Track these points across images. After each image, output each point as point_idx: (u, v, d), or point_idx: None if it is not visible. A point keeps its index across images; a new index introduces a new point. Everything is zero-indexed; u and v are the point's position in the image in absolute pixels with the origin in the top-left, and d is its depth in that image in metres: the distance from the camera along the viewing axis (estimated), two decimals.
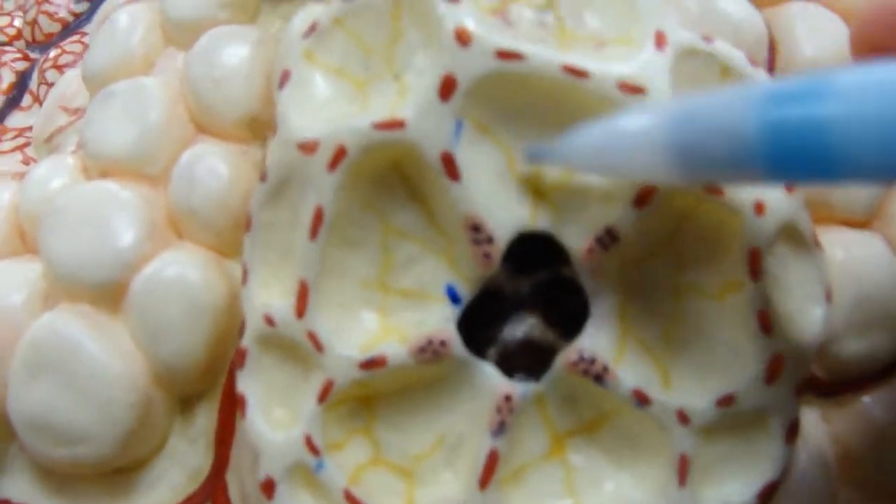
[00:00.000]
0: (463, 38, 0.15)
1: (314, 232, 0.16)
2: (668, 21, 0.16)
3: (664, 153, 0.14)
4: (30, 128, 0.24)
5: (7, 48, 0.26)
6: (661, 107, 0.14)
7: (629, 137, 0.14)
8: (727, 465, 0.16)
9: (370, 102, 0.16)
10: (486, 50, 0.15)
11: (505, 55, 0.15)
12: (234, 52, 0.19)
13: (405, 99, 0.16)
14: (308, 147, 0.16)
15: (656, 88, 0.15)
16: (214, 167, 0.18)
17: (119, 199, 0.18)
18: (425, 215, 0.16)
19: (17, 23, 0.27)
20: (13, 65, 0.26)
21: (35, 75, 0.25)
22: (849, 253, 0.18)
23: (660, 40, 0.16)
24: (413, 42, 0.16)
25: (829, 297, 0.16)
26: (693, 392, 0.16)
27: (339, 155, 0.15)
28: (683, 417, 0.16)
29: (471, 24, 0.15)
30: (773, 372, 0.16)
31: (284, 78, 0.16)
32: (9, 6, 0.30)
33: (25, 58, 0.26)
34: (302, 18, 0.18)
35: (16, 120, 0.25)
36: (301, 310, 0.16)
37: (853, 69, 0.12)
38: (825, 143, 0.11)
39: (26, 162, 0.23)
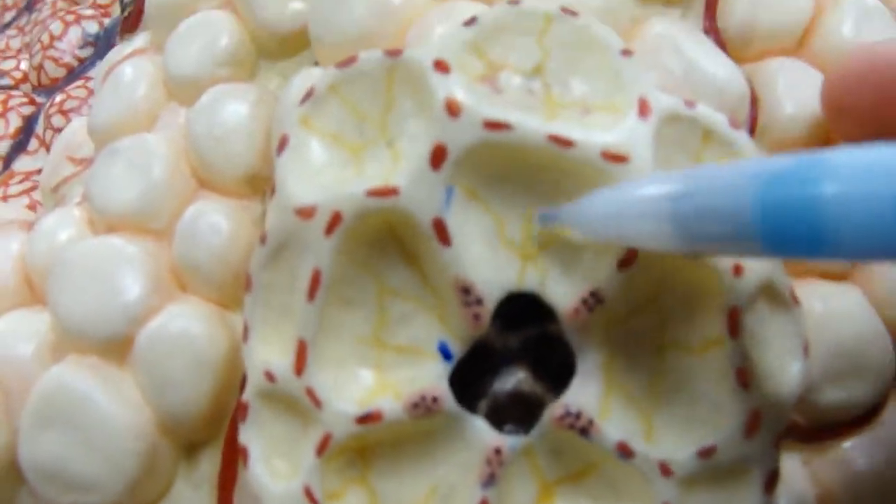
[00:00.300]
0: (453, 109, 0.16)
1: (312, 294, 0.16)
2: (652, 88, 0.17)
3: (669, 224, 0.14)
4: (36, 171, 0.25)
5: (14, 92, 0.27)
6: (668, 178, 0.15)
7: (636, 207, 0.15)
8: None
9: (365, 168, 0.17)
10: (474, 121, 0.16)
11: (493, 125, 0.16)
12: (234, 111, 0.20)
13: (398, 166, 0.16)
14: (305, 213, 0.16)
15: (639, 156, 0.16)
16: (216, 223, 0.19)
17: (124, 254, 0.19)
18: (418, 276, 0.17)
19: (24, 66, 0.28)
20: (20, 109, 0.26)
21: (41, 120, 0.26)
22: (827, 305, 0.18)
23: (643, 108, 0.16)
24: (406, 110, 0.17)
25: (806, 351, 0.17)
26: (675, 444, 0.17)
27: (335, 220, 0.16)
28: (666, 469, 0.16)
29: (460, 95, 0.16)
30: (751, 426, 0.16)
31: (282, 143, 0.17)
32: (15, 44, 0.31)
33: (31, 102, 0.27)
34: (299, 83, 0.18)
35: (23, 164, 0.26)
36: (300, 368, 0.17)
37: (845, 151, 0.12)
38: (819, 223, 0.12)
39: (33, 206, 0.24)
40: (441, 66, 0.16)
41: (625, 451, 0.16)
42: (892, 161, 0.12)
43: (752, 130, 0.20)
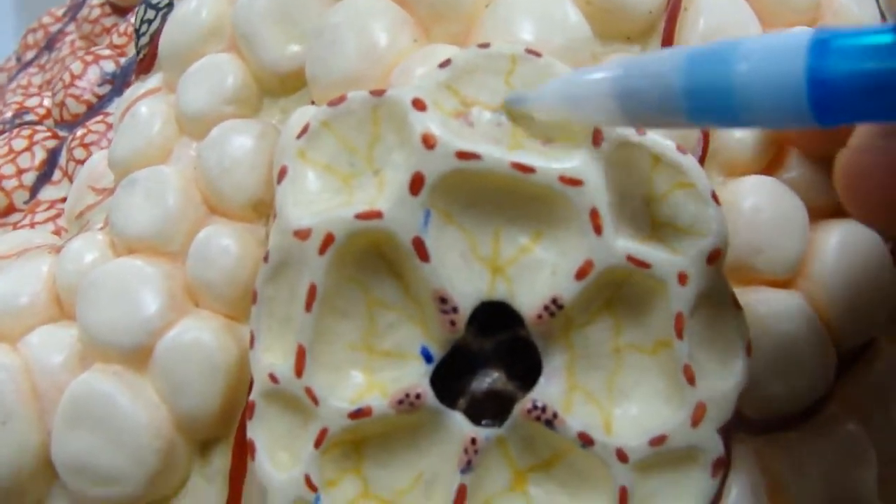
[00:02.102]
0: (429, 142, 0.19)
1: (308, 305, 0.19)
2: None
3: (612, 100, 0.18)
4: (60, 200, 0.28)
5: (38, 127, 0.30)
6: (611, 63, 0.18)
7: (584, 87, 0.18)
8: (661, 496, 0.20)
9: (354, 194, 0.20)
10: (447, 152, 0.19)
11: (463, 155, 0.19)
12: (240, 144, 0.23)
13: (382, 193, 0.19)
14: (302, 234, 0.19)
15: (592, 180, 0.19)
16: (225, 245, 0.22)
17: (144, 274, 0.22)
18: (402, 288, 0.20)
19: (47, 102, 0.31)
20: (44, 143, 0.30)
21: (64, 152, 0.29)
22: (770, 308, 0.21)
23: (597, 137, 0.19)
24: (389, 143, 0.20)
25: (748, 350, 0.20)
26: (630, 434, 0.19)
27: (328, 241, 0.19)
28: (622, 455, 0.19)
29: (435, 130, 0.19)
30: (697, 416, 0.19)
31: (282, 174, 0.20)
32: (36, 80, 0.34)
33: (55, 136, 0.30)
34: (296, 119, 0.21)
35: (48, 193, 0.29)
36: (299, 370, 0.20)
37: (757, 37, 0.16)
38: (733, 95, 0.16)
39: (58, 231, 0.27)
40: (418, 105, 0.19)
41: (585, 440, 0.19)
42: (793, 44, 0.15)
43: (703, 153, 0.22)
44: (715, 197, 0.20)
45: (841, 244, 0.22)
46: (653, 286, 0.19)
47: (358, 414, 0.19)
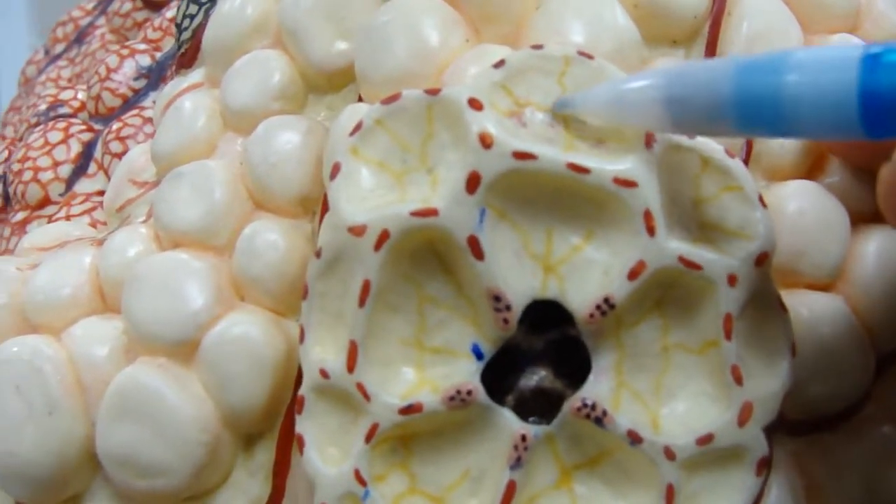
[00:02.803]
0: (486, 141, 0.19)
1: (362, 301, 0.20)
2: None
3: (659, 106, 0.18)
4: (96, 193, 0.29)
5: (73, 120, 0.31)
6: (660, 70, 0.19)
7: (633, 92, 0.19)
8: (707, 494, 0.20)
9: (407, 192, 0.20)
10: (504, 151, 0.19)
11: (520, 155, 0.19)
12: (287, 140, 0.23)
13: (437, 191, 0.20)
14: (357, 230, 0.20)
15: (645, 182, 0.19)
16: (273, 240, 0.22)
17: (191, 268, 0.22)
18: (454, 286, 0.20)
19: (81, 96, 0.32)
20: (79, 136, 0.30)
21: (99, 145, 0.29)
22: (812, 312, 0.22)
23: (648, 140, 0.20)
24: (444, 141, 0.20)
25: (793, 351, 0.20)
26: (678, 433, 0.20)
27: (383, 237, 0.19)
28: (670, 454, 0.20)
29: (492, 129, 0.19)
30: (744, 416, 0.20)
31: (335, 170, 0.20)
32: (66, 73, 0.34)
33: (90, 129, 0.30)
34: (347, 117, 0.22)
35: (83, 186, 0.29)
36: (351, 365, 0.20)
37: (807, 49, 0.16)
38: (781, 105, 0.16)
39: (93, 224, 0.27)
40: (475, 104, 0.20)
41: (634, 438, 0.20)
42: (844, 58, 0.15)
43: (747, 158, 0.23)
44: (762, 200, 0.20)
45: (881, 249, 0.22)
46: (702, 287, 0.20)
47: (409, 410, 0.20)
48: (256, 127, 0.24)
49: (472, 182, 0.19)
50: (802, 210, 0.22)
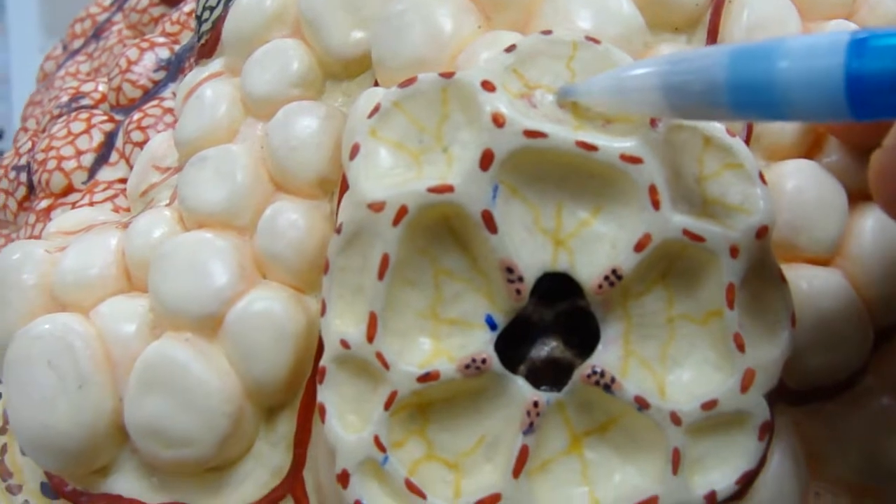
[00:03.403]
0: (498, 121, 0.20)
1: (381, 274, 0.21)
2: None
3: (658, 93, 0.19)
4: (118, 181, 0.30)
5: (95, 111, 0.32)
6: (657, 58, 0.20)
7: (632, 80, 0.20)
8: (711, 458, 0.21)
9: (424, 170, 0.21)
10: (516, 130, 0.20)
11: (531, 134, 0.20)
12: (306, 125, 0.24)
13: (452, 168, 0.21)
14: (376, 206, 0.21)
15: (650, 158, 0.21)
16: (293, 220, 0.24)
17: (215, 247, 0.24)
18: (468, 260, 0.21)
19: (102, 88, 0.33)
20: (101, 126, 0.31)
21: (121, 135, 0.30)
22: (811, 285, 0.23)
23: (653, 119, 0.21)
24: (458, 122, 0.21)
25: (793, 321, 0.22)
26: (683, 398, 0.21)
27: (402, 213, 0.21)
28: (676, 419, 0.21)
29: (504, 109, 0.21)
30: (746, 382, 0.21)
31: (354, 150, 0.22)
32: (84, 68, 0.36)
33: (111, 120, 0.31)
34: (366, 99, 0.23)
35: (105, 174, 0.30)
36: (371, 335, 0.21)
37: (797, 36, 0.17)
38: (774, 89, 0.17)
39: (116, 210, 0.28)
40: (487, 86, 0.21)
41: (642, 404, 0.21)
42: (832, 43, 0.16)
43: (747, 138, 0.24)
44: (762, 177, 0.22)
45: (878, 225, 0.23)
46: (705, 259, 0.21)
47: (426, 377, 0.21)
48: (276, 113, 0.25)
49: (486, 159, 0.20)
50: (801, 187, 0.23)
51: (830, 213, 0.23)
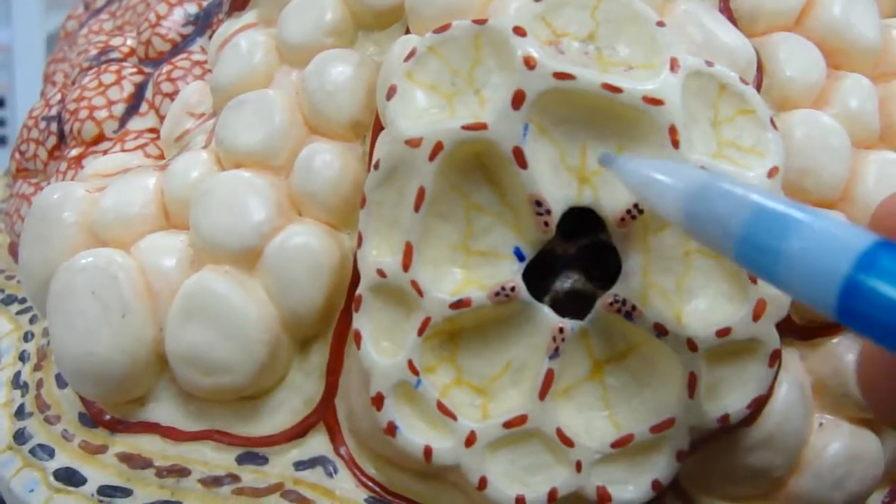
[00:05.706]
0: (529, 63, 0.22)
1: (417, 206, 0.23)
2: (680, 50, 0.23)
3: (677, 210, 0.20)
4: (148, 130, 0.31)
5: (125, 64, 0.34)
6: (687, 173, 0.20)
7: (660, 186, 0.20)
8: (725, 383, 0.23)
9: (457, 111, 0.23)
10: (546, 72, 0.22)
11: (560, 76, 0.22)
12: (341, 71, 0.26)
13: (485, 108, 0.23)
14: (413, 143, 0.23)
15: (670, 101, 0.22)
16: (329, 160, 0.25)
17: (253, 185, 0.25)
18: (498, 195, 0.23)
19: (130, 42, 0.34)
20: (131, 78, 0.33)
21: (150, 86, 0.32)
22: None
23: (673, 65, 0.23)
24: (490, 66, 0.23)
25: None
26: (699, 326, 0.23)
27: (438, 149, 0.22)
28: (692, 345, 0.23)
29: (535, 53, 0.22)
30: (758, 311, 0.23)
31: (391, 92, 0.23)
32: (107, 26, 0.37)
33: (140, 72, 0.33)
34: (401, 45, 0.25)
35: (135, 124, 0.32)
36: (406, 264, 0.23)
37: (818, 218, 0.17)
38: (778, 261, 0.18)
39: (147, 157, 0.30)
40: (519, 31, 0.23)
41: (660, 330, 0.23)
42: (845, 245, 0.16)
43: (758, 90, 0.26)
44: (773, 122, 0.24)
45: (880, 172, 0.26)
46: None
47: (458, 304, 0.23)
48: (310, 60, 0.27)
49: (518, 99, 0.22)
50: (808, 135, 0.25)
51: (836, 159, 0.25)
